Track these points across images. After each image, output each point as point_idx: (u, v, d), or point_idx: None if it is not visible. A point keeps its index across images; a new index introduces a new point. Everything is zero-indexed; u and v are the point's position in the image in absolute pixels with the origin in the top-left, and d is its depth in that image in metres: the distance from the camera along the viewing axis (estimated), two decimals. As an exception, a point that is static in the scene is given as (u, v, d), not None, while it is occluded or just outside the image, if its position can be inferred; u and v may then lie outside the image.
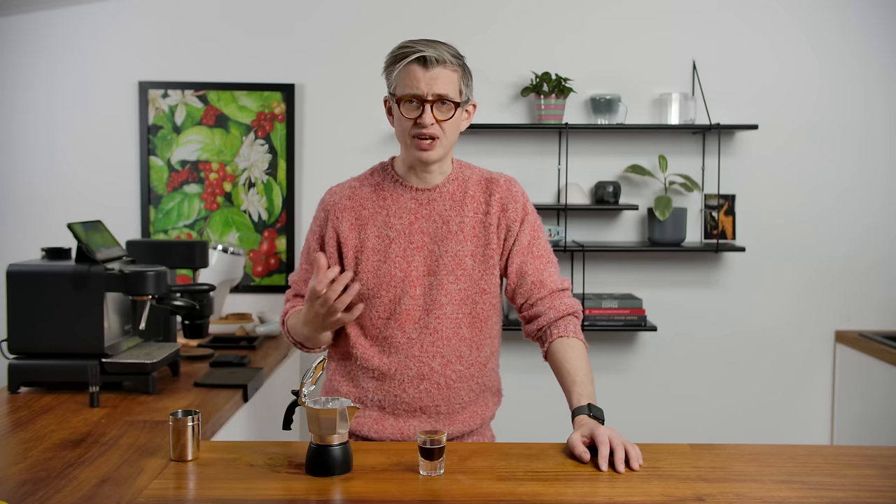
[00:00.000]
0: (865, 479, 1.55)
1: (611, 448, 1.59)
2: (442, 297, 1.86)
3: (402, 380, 1.88)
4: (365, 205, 1.90)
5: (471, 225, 1.89)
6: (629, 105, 3.58)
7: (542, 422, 3.18)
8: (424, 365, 1.87)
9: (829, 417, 3.72)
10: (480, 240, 1.89)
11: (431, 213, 1.89)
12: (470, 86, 1.85)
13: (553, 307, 1.89)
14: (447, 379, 1.89)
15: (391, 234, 1.87)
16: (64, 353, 2.21)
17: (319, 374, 1.62)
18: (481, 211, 1.90)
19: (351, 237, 1.88)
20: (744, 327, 3.70)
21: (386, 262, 1.87)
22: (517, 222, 1.91)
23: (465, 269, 1.88)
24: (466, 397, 1.93)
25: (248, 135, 3.61)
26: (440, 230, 1.88)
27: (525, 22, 3.60)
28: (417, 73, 1.77)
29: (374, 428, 1.91)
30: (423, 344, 1.87)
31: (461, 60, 1.82)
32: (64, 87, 3.60)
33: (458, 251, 1.87)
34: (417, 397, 1.89)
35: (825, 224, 3.67)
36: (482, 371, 1.95)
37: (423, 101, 1.77)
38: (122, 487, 1.49)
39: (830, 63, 3.62)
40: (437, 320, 1.87)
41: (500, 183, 1.93)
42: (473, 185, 1.92)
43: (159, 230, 3.61)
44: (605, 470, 1.56)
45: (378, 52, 3.58)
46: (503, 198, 1.91)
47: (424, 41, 1.79)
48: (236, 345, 3.01)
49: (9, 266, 2.22)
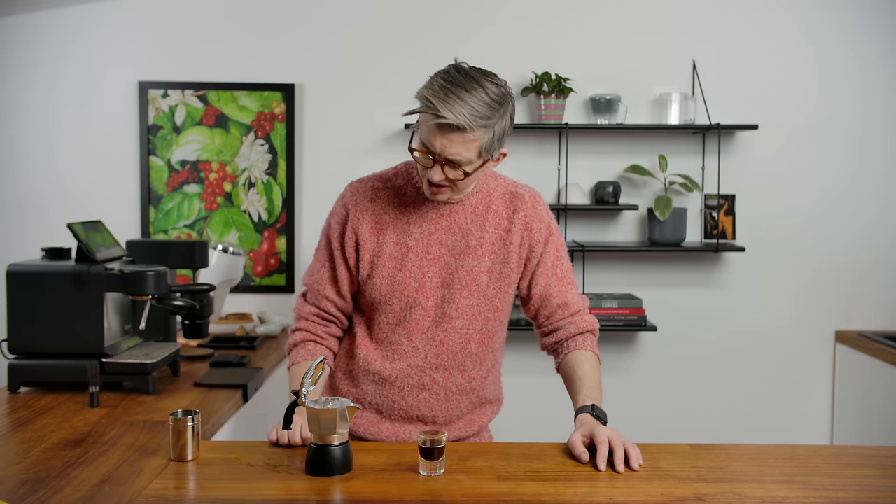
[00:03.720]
0: (865, 479, 1.55)
1: (610, 448, 1.59)
2: (453, 311, 1.84)
3: (401, 387, 1.87)
4: (386, 209, 1.85)
5: (490, 241, 1.84)
6: (629, 105, 3.58)
7: (542, 422, 3.18)
8: (426, 375, 1.86)
9: (829, 417, 3.72)
10: (499, 256, 1.84)
11: (451, 226, 1.83)
12: (504, 138, 1.70)
13: (574, 323, 1.87)
14: (447, 391, 1.88)
15: (409, 242, 1.83)
16: (64, 353, 2.21)
17: (319, 374, 1.62)
18: (503, 227, 1.85)
19: (370, 240, 1.84)
20: (744, 327, 3.70)
21: (401, 271, 1.83)
22: (541, 243, 1.86)
23: (480, 285, 1.84)
24: (465, 408, 1.92)
25: (248, 135, 3.61)
26: (459, 243, 1.83)
27: (525, 22, 3.60)
28: (434, 132, 1.64)
29: (369, 430, 1.90)
30: (427, 355, 1.85)
31: (490, 120, 1.63)
32: (64, 87, 3.60)
33: (475, 266, 1.83)
34: (415, 405, 1.88)
35: (825, 224, 3.67)
36: (483, 384, 1.93)
37: (434, 159, 1.68)
38: (122, 487, 1.49)
39: (830, 63, 3.62)
40: (445, 333, 1.85)
41: (524, 199, 1.87)
42: (497, 198, 1.86)
43: (159, 230, 3.61)
44: (604, 470, 1.56)
45: (378, 53, 3.61)
46: (527, 216, 1.85)
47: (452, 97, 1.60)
48: (236, 345, 3.01)
49: (9, 266, 2.22)
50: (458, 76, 1.65)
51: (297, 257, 3.66)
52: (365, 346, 1.88)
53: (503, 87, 1.70)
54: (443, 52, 3.58)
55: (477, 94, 1.63)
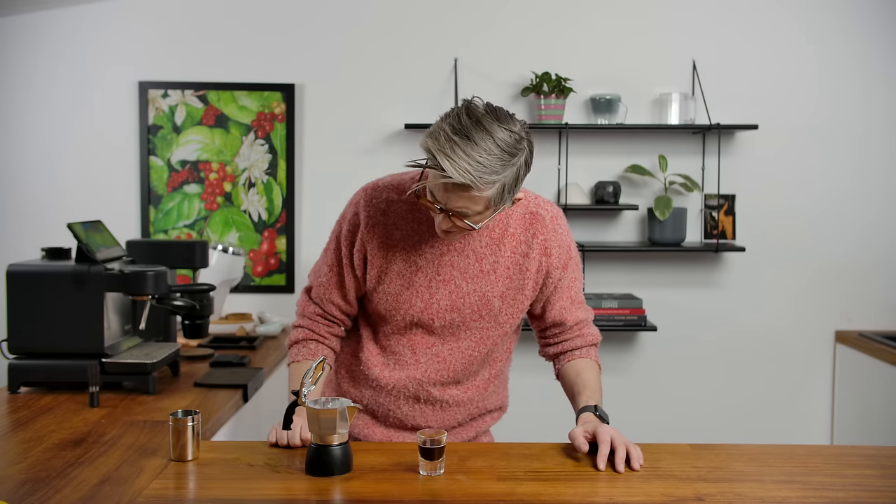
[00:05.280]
0: (865, 479, 1.55)
1: (612, 448, 1.58)
2: (462, 332, 1.80)
3: (398, 397, 1.85)
4: (399, 224, 1.76)
5: (505, 265, 1.75)
6: (629, 105, 3.58)
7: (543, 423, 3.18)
8: (423, 389, 1.83)
9: (829, 417, 3.72)
10: (514, 282, 1.76)
11: (465, 249, 1.75)
12: (516, 187, 1.57)
13: (580, 336, 1.86)
14: (443, 403, 1.86)
15: (419, 261, 1.75)
16: (64, 353, 2.21)
17: (319, 374, 1.62)
18: (520, 252, 1.76)
19: (378, 257, 1.76)
20: (744, 327, 3.70)
21: (408, 290, 1.76)
22: (559, 268, 1.78)
23: (492, 309, 1.77)
24: (462, 419, 1.90)
25: (248, 135, 3.61)
26: (472, 267, 1.75)
27: (525, 22, 3.60)
28: (438, 187, 1.54)
29: (363, 432, 1.90)
30: (428, 370, 1.82)
31: (498, 175, 1.50)
32: (64, 87, 3.60)
33: (487, 291, 1.76)
34: (411, 415, 1.86)
35: (825, 224, 3.67)
36: (482, 395, 1.90)
37: (441, 208, 1.58)
38: (122, 487, 1.49)
39: (830, 63, 3.62)
40: (450, 352, 1.82)
41: (545, 222, 1.77)
42: (516, 220, 1.76)
43: (159, 230, 3.61)
44: (604, 469, 1.56)
45: (378, 53, 3.61)
46: (547, 240, 1.76)
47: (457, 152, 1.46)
48: (236, 345, 3.01)
49: (9, 266, 2.22)
50: (467, 124, 1.49)
51: (297, 257, 3.66)
52: (368, 350, 1.86)
53: (517, 132, 1.53)
54: (443, 52, 3.58)
55: (485, 144, 1.48)
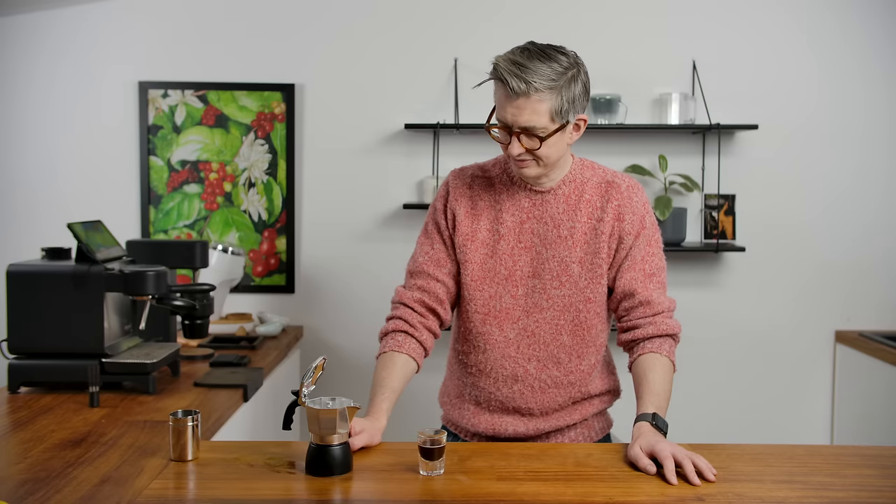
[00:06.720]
0: (865, 479, 1.55)
1: (677, 462, 1.53)
2: (544, 301, 1.83)
3: (496, 378, 1.88)
4: (482, 195, 1.88)
5: (582, 231, 1.82)
6: (629, 105, 3.58)
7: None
8: (519, 366, 1.86)
9: (829, 417, 3.72)
10: (590, 246, 1.82)
11: (543, 215, 1.84)
12: (576, 103, 1.72)
13: (654, 324, 1.84)
14: (542, 383, 1.87)
15: (501, 230, 1.84)
16: (64, 353, 2.21)
17: (319, 374, 1.62)
18: (595, 217, 1.83)
19: (465, 223, 1.87)
20: (744, 327, 3.70)
21: (492, 258, 1.84)
22: (632, 235, 1.83)
23: (571, 275, 1.82)
24: (564, 403, 1.90)
25: (248, 135, 3.61)
26: (550, 233, 1.83)
27: (525, 22, 3.60)
28: (503, 102, 1.69)
29: (471, 421, 1.93)
30: (519, 345, 1.85)
31: (556, 82, 1.67)
32: (64, 87, 3.60)
33: (566, 256, 1.82)
34: (511, 397, 1.88)
35: (825, 224, 3.67)
36: (584, 379, 1.90)
37: (510, 131, 1.71)
38: (122, 487, 1.49)
39: (830, 63, 3.62)
40: (535, 324, 1.84)
41: (620, 189, 1.85)
42: (591, 188, 1.85)
43: (159, 230, 3.61)
44: (675, 483, 1.50)
45: (378, 53, 3.61)
46: (621, 206, 1.83)
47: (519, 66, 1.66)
48: (236, 345, 3.01)
49: (9, 266, 2.22)
50: (529, 48, 1.70)
51: (297, 257, 3.66)
52: (462, 338, 1.91)
53: (572, 57, 1.73)
54: (443, 52, 3.58)
55: (544, 62, 1.67)
